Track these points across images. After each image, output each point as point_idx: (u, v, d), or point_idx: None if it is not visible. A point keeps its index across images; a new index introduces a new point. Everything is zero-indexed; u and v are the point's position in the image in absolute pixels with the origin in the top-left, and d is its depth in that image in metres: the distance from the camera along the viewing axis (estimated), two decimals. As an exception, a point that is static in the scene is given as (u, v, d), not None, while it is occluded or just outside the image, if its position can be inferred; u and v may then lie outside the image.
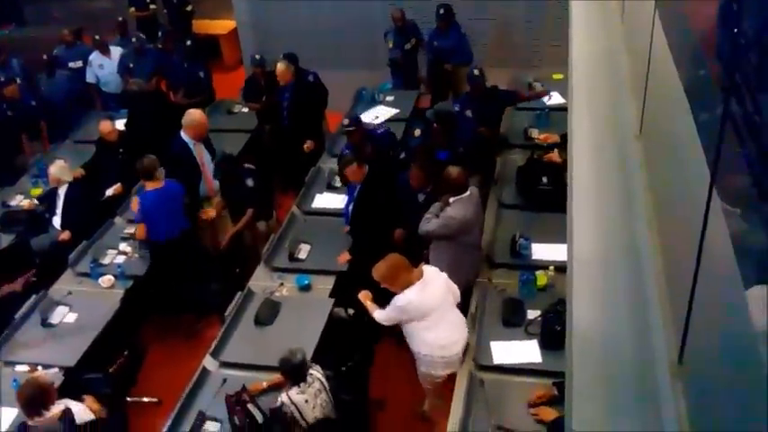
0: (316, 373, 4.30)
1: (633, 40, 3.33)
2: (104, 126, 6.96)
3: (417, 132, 6.42)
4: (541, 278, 4.96)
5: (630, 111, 2.93)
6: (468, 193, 5.10)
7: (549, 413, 3.98)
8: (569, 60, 3.96)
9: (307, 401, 4.15)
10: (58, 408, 4.07)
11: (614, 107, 3.13)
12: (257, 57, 7.96)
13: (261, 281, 5.54)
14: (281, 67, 7.24)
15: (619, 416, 1.84)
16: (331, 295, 5.34)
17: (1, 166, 7.43)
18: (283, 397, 4.18)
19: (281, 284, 5.47)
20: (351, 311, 5.37)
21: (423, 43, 8.48)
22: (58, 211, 6.34)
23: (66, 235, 6.24)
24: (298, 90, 7.33)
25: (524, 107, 7.53)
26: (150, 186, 5.83)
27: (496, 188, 6.16)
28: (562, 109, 6.77)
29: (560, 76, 7.65)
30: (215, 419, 4.28)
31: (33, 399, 4.05)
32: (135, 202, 5.87)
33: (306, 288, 5.42)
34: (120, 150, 6.79)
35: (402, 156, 6.41)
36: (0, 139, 7.51)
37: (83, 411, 4.15)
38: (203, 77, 8.46)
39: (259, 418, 4.10)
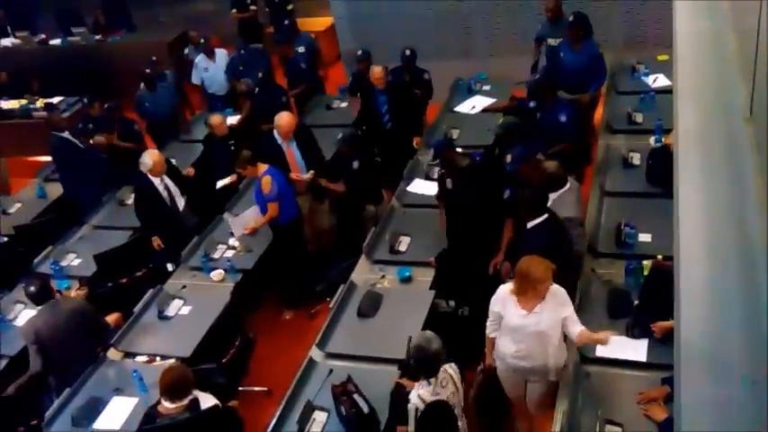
0: (450, 369, 3.97)
1: (741, 19, 3.17)
2: (215, 119, 7.20)
3: (509, 158, 5.94)
4: (646, 267, 4.79)
5: (739, 92, 2.80)
6: (567, 186, 5.01)
7: (660, 412, 3.85)
8: (674, 40, 3.82)
9: None
10: (189, 397, 4.29)
11: (722, 89, 2.99)
12: (359, 52, 8.00)
13: (363, 273, 5.64)
14: (377, 71, 7.26)
15: (729, 415, 1.77)
16: (431, 287, 5.37)
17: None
18: (414, 398, 3.80)
19: (383, 276, 5.55)
20: (452, 303, 5.40)
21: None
22: (175, 193, 6.51)
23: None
24: (397, 95, 7.36)
25: (627, 91, 7.32)
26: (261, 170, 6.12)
27: (599, 175, 6.00)
28: (667, 91, 6.54)
29: (666, 57, 7.36)
30: (322, 409, 4.39)
31: (177, 384, 4.23)
32: (267, 182, 6.02)
33: (407, 280, 5.47)
34: (231, 143, 7.00)
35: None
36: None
37: (205, 398, 4.36)
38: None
39: (365, 408, 4.17)
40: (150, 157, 6.37)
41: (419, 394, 3.83)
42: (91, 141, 7.60)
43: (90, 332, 5.16)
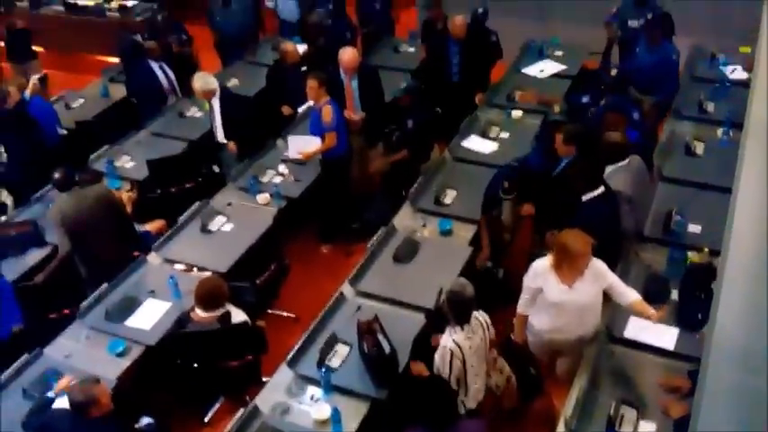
0: (480, 317, 4.09)
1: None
2: (288, 45, 7.18)
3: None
4: (693, 259, 4.72)
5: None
6: (626, 161, 4.92)
7: (678, 409, 3.81)
8: (761, 32, 3.69)
9: (470, 348, 3.95)
10: (221, 310, 4.43)
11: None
12: None
13: (404, 219, 5.66)
14: (460, 21, 7.12)
15: (752, 406, 1.75)
16: (471, 244, 5.37)
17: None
18: (447, 341, 3.92)
19: (424, 226, 5.56)
20: (489, 264, 5.41)
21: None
22: (216, 123, 6.55)
23: (231, 146, 6.56)
24: (471, 49, 7.22)
25: (702, 77, 7.09)
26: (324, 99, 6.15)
27: (659, 159, 5.87)
28: (744, 84, 6.34)
29: (748, 49, 7.09)
30: (345, 342, 4.48)
31: (210, 295, 4.41)
32: (329, 111, 6.09)
33: (447, 233, 5.48)
34: (304, 69, 6.93)
35: None
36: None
37: (236, 313, 4.49)
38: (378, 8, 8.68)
39: (386, 348, 4.23)
40: (193, 82, 6.44)
41: (454, 339, 3.93)
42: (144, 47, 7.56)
43: (114, 217, 5.33)
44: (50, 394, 4.11)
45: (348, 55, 6.61)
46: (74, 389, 3.77)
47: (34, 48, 9.08)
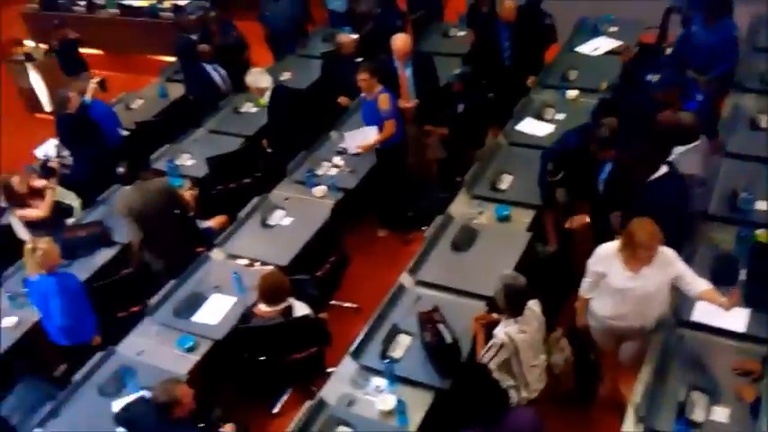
0: (534, 307, 4.09)
1: None
2: (344, 37, 7.22)
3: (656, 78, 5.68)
4: (762, 237, 4.58)
5: None
6: (698, 142, 4.77)
7: (750, 393, 3.71)
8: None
9: (524, 340, 3.95)
10: (284, 304, 4.51)
11: None
12: None
13: (461, 207, 5.64)
14: (509, 4, 6.99)
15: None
16: (529, 229, 5.32)
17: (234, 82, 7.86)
18: (500, 334, 3.95)
19: (481, 213, 5.53)
20: (549, 249, 5.35)
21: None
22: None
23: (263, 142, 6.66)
24: (522, 32, 7.09)
25: (763, 48, 6.82)
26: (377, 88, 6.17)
27: (723, 134, 5.70)
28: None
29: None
30: (407, 333, 4.50)
31: (272, 290, 4.50)
32: (386, 98, 6.14)
33: (505, 219, 5.43)
34: (359, 60, 6.92)
35: None
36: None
37: (299, 307, 4.56)
38: None
39: (448, 338, 4.23)
40: (246, 78, 6.50)
41: (506, 331, 3.92)
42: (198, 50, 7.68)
43: (176, 209, 5.50)
44: (146, 394, 4.22)
45: (400, 41, 6.58)
46: (157, 389, 3.87)
47: (89, 51, 9.28)
